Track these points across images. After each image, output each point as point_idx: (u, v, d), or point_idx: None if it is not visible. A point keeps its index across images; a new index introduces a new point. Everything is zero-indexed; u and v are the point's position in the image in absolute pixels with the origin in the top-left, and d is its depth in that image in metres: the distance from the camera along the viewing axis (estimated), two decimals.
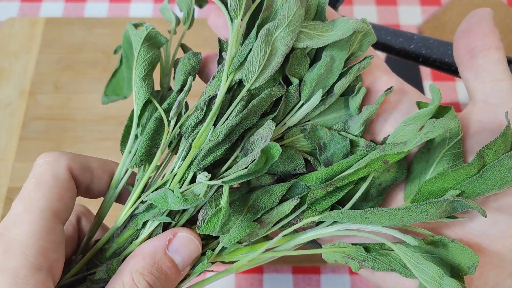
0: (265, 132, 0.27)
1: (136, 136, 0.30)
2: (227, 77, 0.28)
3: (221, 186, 0.28)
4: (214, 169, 0.30)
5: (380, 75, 0.30)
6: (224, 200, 0.26)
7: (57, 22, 0.70)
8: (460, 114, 0.28)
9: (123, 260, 0.28)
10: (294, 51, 0.28)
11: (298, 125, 0.30)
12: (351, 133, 0.29)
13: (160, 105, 0.30)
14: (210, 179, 0.28)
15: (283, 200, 0.29)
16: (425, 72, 0.69)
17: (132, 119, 0.31)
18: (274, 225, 0.29)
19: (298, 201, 0.28)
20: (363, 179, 0.27)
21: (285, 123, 0.29)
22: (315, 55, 0.30)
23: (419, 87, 0.67)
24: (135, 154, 0.30)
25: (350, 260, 0.27)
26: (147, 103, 0.30)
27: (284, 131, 0.30)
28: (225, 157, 0.29)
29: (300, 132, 0.29)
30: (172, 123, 0.29)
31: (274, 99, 0.29)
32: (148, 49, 0.30)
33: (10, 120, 0.64)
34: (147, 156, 0.30)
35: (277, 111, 0.29)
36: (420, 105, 0.28)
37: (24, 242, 0.25)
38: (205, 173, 0.28)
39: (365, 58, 0.29)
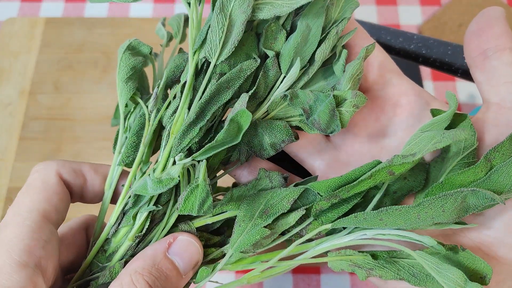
0: (239, 104, 0.27)
1: (126, 137, 0.31)
2: (193, 58, 0.29)
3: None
4: None
5: (390, 78, 0.30)
6: (201, 177, 0.26)
7: (57, 22, 0.70)
8: (474, 117, 0.28)
9: (126, 262, 0.28)
10: (269, 25, 0.28)
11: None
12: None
13: None
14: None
15: (293, 207, 0.28)
16: (425, 72, 0.69)
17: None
18: (280, 235, 0.28)
19: (304, 213, 0.28)
20: (376, 187, 0.27)
21: (270, 99, 0.29)
22: (291, 28, 0.29)
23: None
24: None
25: (357, 268, 0.27)
26: (136, 106, 0.32)
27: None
28: (209, 141, 0.29)
29: (283, 101, 0.29)
30: (152, 116, 0.30)
31: (248, 73, 0.28)
32: (130, 56, 0.32)
33: (10, 120, 0.63)
34: (134, 152, 0.30)
35: (256, 86, 0.28)
36: (433, 112, 0.27)
37: (9, 241, 0.26)
38: (181, 154, 0.28)
39: (342, 20, 0.28)
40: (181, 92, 0.29)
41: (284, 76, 0.29)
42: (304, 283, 0.55)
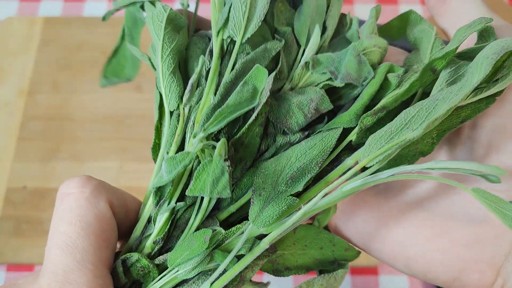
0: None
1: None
2: (216, 38, 0.27)
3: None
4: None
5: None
6: (216, 152, 0.23)
7: (56, 22, 0.70)
8: None
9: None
10: (276, 5, 0.28)
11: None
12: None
13: None
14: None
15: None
16: None
17: (161, 120, 0.27)
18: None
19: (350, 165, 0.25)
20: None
21: (293, 75, 0.28)
22: (294, 3, 0.30)
23: None
24: None
25: None
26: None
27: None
28: (238, 131, 0.27)
29: (305, 71, 0.27)
30: (187, 110, 0.26)
31: (273, 54, 0.27)
32: (172, 35, 0.27)
33: (8, 120, 0.63)
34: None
35: (279, 64, 0.27)
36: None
37: None
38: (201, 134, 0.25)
39: None
40: (205, 78, 0.26)
41: (304, 49, 0.28)
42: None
